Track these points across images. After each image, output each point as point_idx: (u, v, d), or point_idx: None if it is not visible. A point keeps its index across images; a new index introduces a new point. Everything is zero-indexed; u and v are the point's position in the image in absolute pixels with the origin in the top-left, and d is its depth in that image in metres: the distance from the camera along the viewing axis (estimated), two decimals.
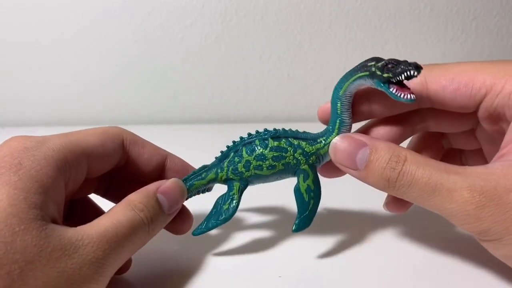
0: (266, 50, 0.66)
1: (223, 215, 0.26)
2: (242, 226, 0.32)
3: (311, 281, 0.25)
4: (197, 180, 0.27)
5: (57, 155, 0.21)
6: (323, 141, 0.26)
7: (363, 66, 0.25)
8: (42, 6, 0.61)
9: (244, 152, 0.26)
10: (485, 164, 0.22)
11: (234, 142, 0.27)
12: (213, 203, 0.28)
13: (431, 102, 0.25)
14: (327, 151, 0.26)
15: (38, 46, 0.63)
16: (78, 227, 0.20)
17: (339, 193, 0.34)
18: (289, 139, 0.27)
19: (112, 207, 0.22)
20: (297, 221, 0.26)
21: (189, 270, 0.26)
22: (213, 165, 0.28)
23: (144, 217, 0.22)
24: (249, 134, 0.27)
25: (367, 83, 0.24)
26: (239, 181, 0.27)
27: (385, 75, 0.23)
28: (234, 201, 0.26)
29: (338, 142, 0.25)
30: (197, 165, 0.30)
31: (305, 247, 0.29)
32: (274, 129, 0.27)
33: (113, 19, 0.62)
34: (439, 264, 0.27)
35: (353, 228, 0.32)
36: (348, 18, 0.65)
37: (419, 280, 0.26)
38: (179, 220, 0.26)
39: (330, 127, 0.26)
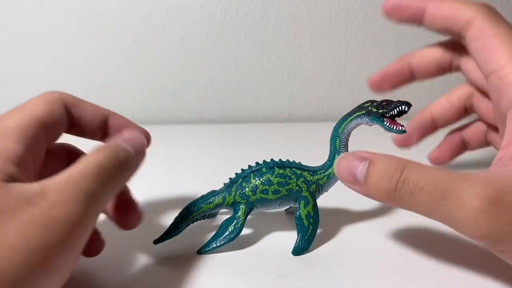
0: (266, 50, 0.66)
1: (230, 235, 0.28)
2: None
3: (311, 281, 0.25)
4: (204, 204, 0.29)
5: (13, 131, 0.21)
6: (322, 173, 0.29)
7: (360, 107, 0.28)
8: (42, 6, 0.61)
9: (252, 178, 0.29)
10: (488, 170, 0.22)
11: (242, 169, 0.29)
12: (220, 225, 0.29)
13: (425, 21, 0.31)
14: (326, 181, 0.29)
15: (38, 46, 0.63)
16: (43, 179, 0.20)
17: (339, 193, 0.34)
18: (293, 169, 0.29)
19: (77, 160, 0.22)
20: (296, 244, 0.28)
21: (189, 270, 0.26)
22: (221, 190, 0.29)
23: (111, 155, 0.22)
24: (257, 163, 0.29)
25: (364, 121, 0.28)
26: (245, 204, 0.29)
27: (380, 111, 0.27)
28: (239, 223, 0.28)
29: (340, 159, 0.25)
30: (196, 166, 0.31)
31: None
32: (280, 160, 0.29)
33: (113, 19, 0.62)
34: (442, 263, 0.27)
35: (353, 228, 0.32)
36: (348, 18, 0.65)
37: (419, 280, 0.26)
38: (128, 212, 0.26)
39: (328, 162, 0.29)
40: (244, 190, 0.29)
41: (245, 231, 0.30)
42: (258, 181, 0.29)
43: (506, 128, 0.24)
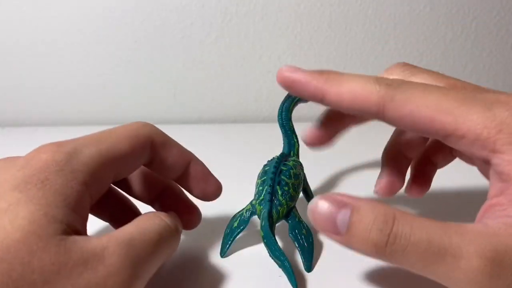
0: (266, 50, 0.66)
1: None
2: None
3: (311, 281, 0.25)
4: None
5: (86, 169, 0.20)
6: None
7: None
8: (42, 6, 0.61)
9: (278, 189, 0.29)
10: (481, 222, 0.20)
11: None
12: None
13: (388, 123, 0.23)
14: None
15: (38, 46, 0.63)
16: (102, 236, 0.19)
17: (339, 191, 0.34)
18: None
19: (136, 218, 0.22)
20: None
21: (189, 270, 0.26)
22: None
23: (170, 223, 0.22)
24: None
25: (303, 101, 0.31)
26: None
27: None
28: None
29: (315, 204, 0.21)
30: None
31: None
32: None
33: (113, 19, 0.62)
34: None
35: None
36: (348, 18, 0.65)
37: (419, 280, 0.26)
38: (189, 213, 0.27)
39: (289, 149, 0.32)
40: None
41: (245, 231, 0.30)
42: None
43: (491, 180, 0.22)
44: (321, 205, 0.21)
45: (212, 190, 0.28)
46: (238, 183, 0.33)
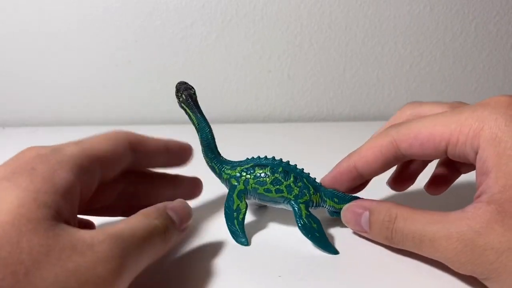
0: (266, 50, 0.66)
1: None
2: None
3: (311, 281, 0.25)
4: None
5: (72, 159, 0.21)
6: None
7: None
8: (42, 6, 0.61)
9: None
10: (462, 209, 0.24)
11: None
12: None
13: (405, 156, 0.28)
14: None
15: (38, 46, 0.63)
16: (93, 229, 0.20)
17: None
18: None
19: (126, 218, 0.23)
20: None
21: (189, 269, 0.26)
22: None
23: (159, 224, 0.22)
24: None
25: None
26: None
27: None
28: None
29: (345, 210, 0.29)
30: (196, 166, 0.31)
31: (305, 247, 0.29)
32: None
33: (113, 19, 0.62)
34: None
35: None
36: (348, 18, 0.65)
37: (419, 279, 0.26)
38: (192, 184, 0.32)
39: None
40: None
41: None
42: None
43: (476, 175, 0.25)
44: (349, 211, 0.29)
45: (187, 156, 0.31)
46: None
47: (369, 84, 0.69)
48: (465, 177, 0.33)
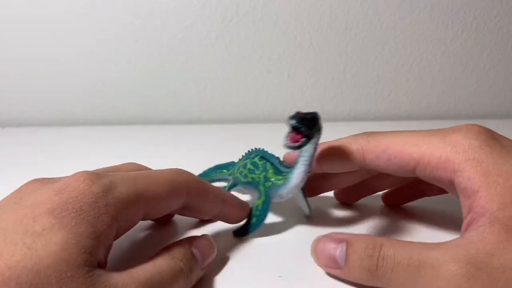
0: (266, 50, 0.66)
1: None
2: None
3: (311, 281, 0.25)
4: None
5: (119, 205, 0.21)
6: (283, 176, 0.30)
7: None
8: (42, 7, 0.61)
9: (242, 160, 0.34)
10: (460, 236, 0.23)
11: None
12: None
13: (370, 167, 0.28)
14: (282, 184, 0.29)
15: (38, 46, 0.63)
16: (124, 272, 0.20)
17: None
18: (267, 162, 0.31)
19: (153, 256, 0.23)
20: (238, 227, 0.30)
21: None
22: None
23: (184, 267, 0.23)
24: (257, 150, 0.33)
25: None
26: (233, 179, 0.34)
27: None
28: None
29: (315, 244, 0.25)
30: (197, 166, 0.30)
31: (305, 247, 0.29)
32: (265, 151, 0.32)
33: (113, 19, 0.62)
34: None
35: (353, 229, 0.32)
36: (348, 18, 0.65)
37: None
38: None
39: (293, 169, 0.29)
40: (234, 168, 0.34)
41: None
42: (241, 162, 0.33)
43: (460, 199, 0.24)
44: (320, 244, 0.25)
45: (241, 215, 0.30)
46: None
47: (369, 84, 0.69)
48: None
